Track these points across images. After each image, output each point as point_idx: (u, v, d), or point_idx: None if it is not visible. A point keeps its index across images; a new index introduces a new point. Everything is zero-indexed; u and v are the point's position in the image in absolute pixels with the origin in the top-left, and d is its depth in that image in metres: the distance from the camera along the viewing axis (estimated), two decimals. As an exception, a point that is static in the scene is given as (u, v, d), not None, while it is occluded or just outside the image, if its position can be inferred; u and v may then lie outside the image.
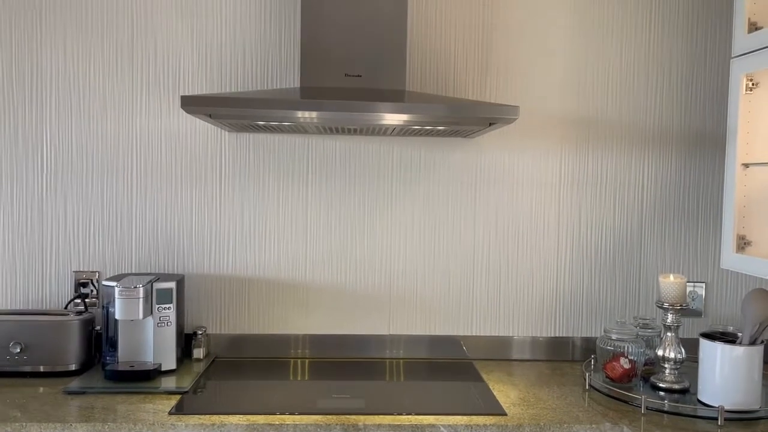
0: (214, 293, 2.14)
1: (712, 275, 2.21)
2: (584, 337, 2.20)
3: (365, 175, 2.15)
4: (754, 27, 1.75)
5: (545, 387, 1.90)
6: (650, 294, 2.20)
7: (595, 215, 2.19)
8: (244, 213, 2.13)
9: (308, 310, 2.16)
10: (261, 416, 1.61)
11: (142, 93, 2.09)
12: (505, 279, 2.19)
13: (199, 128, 2.10)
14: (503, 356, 2.19)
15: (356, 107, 1.65)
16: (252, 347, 2.14)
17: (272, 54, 2.10)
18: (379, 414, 1.64)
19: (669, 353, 1.83)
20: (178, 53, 2.08)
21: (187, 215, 2.12)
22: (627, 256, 2.20)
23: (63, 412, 1.61)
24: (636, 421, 1.63)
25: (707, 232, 2.20)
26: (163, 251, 2.12)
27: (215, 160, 2.11)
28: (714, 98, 2.17)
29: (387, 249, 2.16)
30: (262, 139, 2.12)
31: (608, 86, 2.16)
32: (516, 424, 1.61)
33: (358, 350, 2.16)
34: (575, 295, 2.20)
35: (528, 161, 2.17)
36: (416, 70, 2.13)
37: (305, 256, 2.15)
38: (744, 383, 1.66)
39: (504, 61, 2.14)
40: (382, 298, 2.17)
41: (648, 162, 2.18)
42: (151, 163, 2.10)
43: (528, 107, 2.16)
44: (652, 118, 2.17)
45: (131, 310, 1.80)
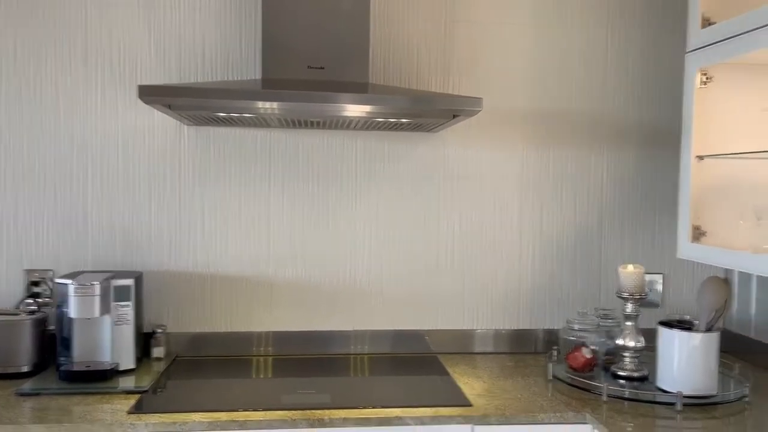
0: (175, 291, 2.09)
1: (668, 266, 2.26)
2: (547, 329, 2.23)
3: (329, 169, 2.13)
4: (707, 22, 1.80)
5: (509, 378, 1.91)
6: (610, 285, 2.24)
7: (557, 208, 2.22)
8: (204, 208, 2.09)
9: (271, 306, 2.13)
10: (224, 413, 1.57)
11: (96, 86, 2.03)
12: (469, 273, 2.20)
13: (157, 122, 2.05)
14: (467, 349, 2.19)
15: (319, 98, 1.64)
16: (214, 345, 2.10)
17: (232, 47, 2.07)
18: (345, 408, 1.62)
19: (629, 342, 1.87)
20: (134, 46, 2.03)
21: (145, 211, 2.06)
22: (587, 248, 2.23)
23: (15, 413, 1.55)
24: (598, 408, 1.66)
25: (663, 225, 2.25)
26: (121, 248, 2.06)
27: (174, 155, 2.07)
28: (670, 93, 2.22)
29: (351, 244, 2.15)
30: (223, 133, 2.08)
31: (569, 82, 2.19)
32: (481, 414, 1.62)
33: (322, 346, 2.14)
34: (538, 287, 2.22)
35: (491, 156, 2.18)
36: (379, 63, 2.12)
37: (268, 253, 2.12)
38: (701, 369, 1.70)
39: (466, 56, 2.15)
40: (347, 294, 2.15)
41: (607, 156, 2.22)
42: (108, 157, 2.04)
43: (490, 102, 2.17)
44: (610, 113, 2.21)
45: (87, 309, 1.75)
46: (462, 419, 1.61)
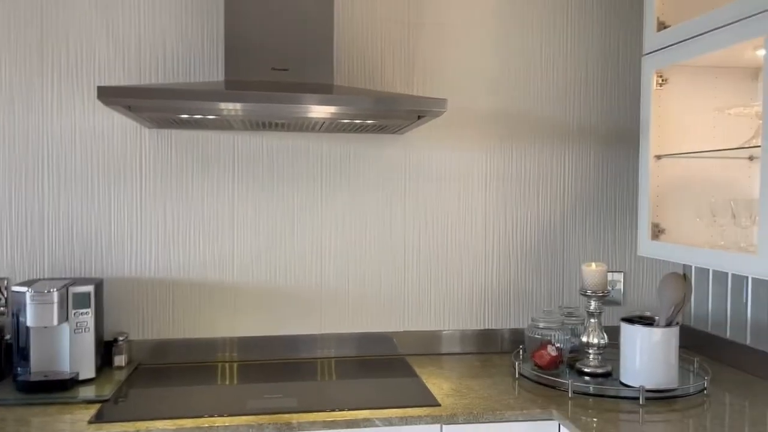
0: (136, 298, 2.04)
1: (629, 264, 2.31)
2: (512, 328, 2.25)
3: (294, 172, 2.11)
4: (662, 26, 1.85)
5: (477, 378, 1.93)
6: (574, 284, 2.28)
7: (520, 209, 2.24)
8: (167, 213, 2.05)
9: (236, 312, 2.10)
10: (189, 420, 1.54)
11: (53, 88, 1.97)
12: (435, 274, 2.21)
13: (117, 124, 2.01)
14: (435, 351, 2.20)
15: (283, 99, 1.62)
16: (178, 352, 2.06)
17: (194, 48, 2.04)
18: (313, 412, 1.61)
19: (593, 339, 1.90)
20: (92, 47, 1.99)
21: (105, 216, 2.01)
22: (551, 248, 2.27)
23: (-32, 427, 1.49)
24: (564, 405, 1.68)
25: (624, 223, 2.30)
26: (80, 255, 2.00)
27: (135, 158, 2.03)
28: (629, 94, 2.28)
29: (317, 247, 2.14)
30: (185, 135, 2.05)
31: (530, 84, 2.23)
32: (450, 414, 1.62)
33: (289, 351, 2.12)
34: (502, 287, 2.25)
35: (455, 157, 2.20)
36: (344, 66, 2.12)
37: (232, 257, 2.09)
38: (662, 364, 1.74)
39: (430, 58, 2.17)
40: (313, 297, 2.14)
41: (569, 157, 2.26)
42: (65, 161, 1.99)
43: (454, 104, 2.19)
44: (571, 115, 2.25)
45: (45, 317, 1.69)
46: (430, 419, 1.61)
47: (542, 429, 1.66)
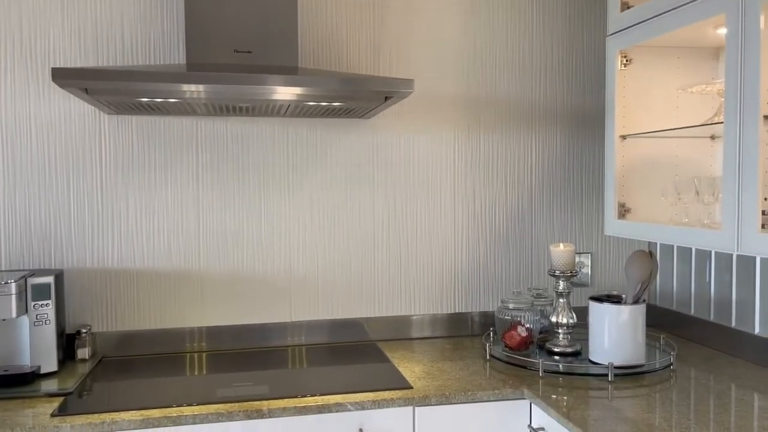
0: (99, 289, 1.99)
1: (596, 246, 2.34)
2: (482, 311, 2.26)
3: (260, 158, 2.08)
4: (626, 6, 1.87)
5: (448, 361, 1.93)
6: (542, 266, 2.30)
7: (488, 192, 2.25)
8: (129, 201, 1.99)
9: (204, 301, 2.06)
10: (156, 410, 1.51)
11: (5, 72, 1.90)
12: (405, 259, 2.20)
13: (75, 110, 1.94)
14: (405, 335, 2.20)
15: (246, 80, 1.59)
16: (144, 344, 2.01)
17: (154, 30, 1.98)
18: (284, 398, 1.59)
19: (562, 319, 1.92)
20: (46, 30, 1.91)
21: (64, 206, 1.95)
22: (519, 230, 2.28)
23: (-77, 425, 1.43)
24: (534, 384, 1.69)
25: (591, 205, 2.32)
26: (38, 246, 1.94)
27: (94, 145, 1.96)
28: (593, 75, 2.30)
29: (285, 234, 2.11)
30: (146, 121, 1.99)
31: (496, 67, 2.23)
32: (422, 396, 1.62)
33: (259, 340, 2.09)
34: (472, 270, 2.25)
35: (423, 141, 2.19)
36: (308, 49, 2.09)
37: (198, 246, 2.05)
38: (630, 340, 1.77)
39: (396, 41, 2.15)
40: (282, 285, 2.11)
41: (535, 139, 2.27)
42: (20, 149, 1.92)
43: (421, 88, 2.18)
44: (537, 97, 2.26)
45: (2, 309, 1.64)
46: (403, 401, 1.60)
47: (514, 408, 1.67)
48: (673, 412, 1.48)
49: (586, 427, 1.39)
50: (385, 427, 1.60)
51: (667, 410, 1.49)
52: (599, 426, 1.40)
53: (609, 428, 1.39)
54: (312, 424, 1.56)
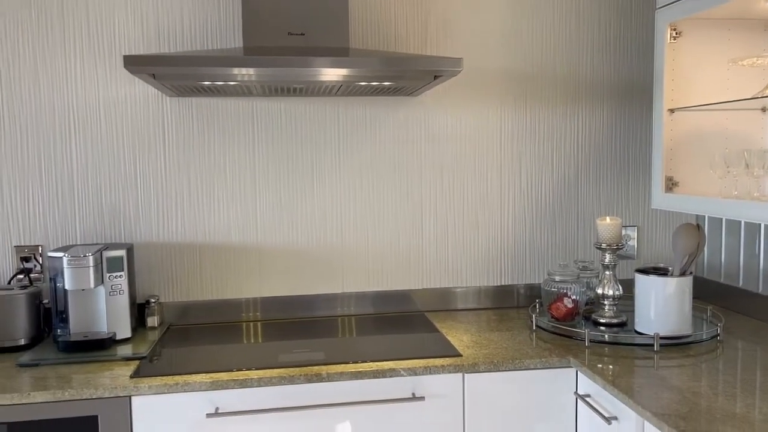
0: (165, 262, 2.12)
1: (643, 219, 2.36)
2: (527, 284, 2.31)
3: (312, 136, 2.16)
4: (675, -21, 1.86)
5: (495, 331, 1.99)
6: (588, 239, 2.33)
7: (535, 166, 2.28)
8: (190, 179, 2.11)
9: (261, 273, 2.17)
10: (224, 373, 1.63)
11: (76, 58, 2.02)
12: (452, 233, 2.27)
13: (139, 94, 2.06)
14: (453, 306, 2.27)
15: (300, 63, 1.66)
16: (206, 313, 2.14)
17: (211, 15, 2.07)
18: (341, 363, 1.68)
19: (608, 290, 1.96)
20: (111, 18, 2.02)
21: (131, 184, 2.08)
22: (566, 203, 2.31)
23: (18, 383, 1.58)
24: (581, 353, 1.74)
25: (637, 178, 2.34)
26: (109, 222, 2.08)
27: (158, 126, 2.08)
28: (641, 49, 2.29)
29: (337, 209, 2.20)
30: (206, 103, 2.10)
31: (543, 41, 2.24)
32: (471, 363, 1.69)
33: (312, 310, 2.20)
34: (518, 244, 2.30)
35: (470, 117, 2.23)
36: (359, 29, 2.15)
37: (255, 220, 2.16)
38: (676, 312, 1.80)
39: (443, 18, 2.18)
40: (334, 258, 2.21)
41: (582, 112, 2.29)
42: (90, 131, 2.04)
43: (468, 64, 2.21)
44: (584, 71, 2.27)
45: (81, 280, 1.77)
46: (453, 368, 1.68)
47: (560, 376, 1.73)
48: (719, 381, 1.52)
49: (631, 393, 1.44)
50: (436, 392, 1.68)
51: (713, 379, 1.53)
52: (644, 392, 1.45)
53: (654, 394, 1.44)
54: (367, 388, 1.66)
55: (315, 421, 1.64)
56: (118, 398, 1.56)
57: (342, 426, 1.65)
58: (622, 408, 1.50)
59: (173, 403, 1.58)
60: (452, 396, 1.69)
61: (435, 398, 1.68)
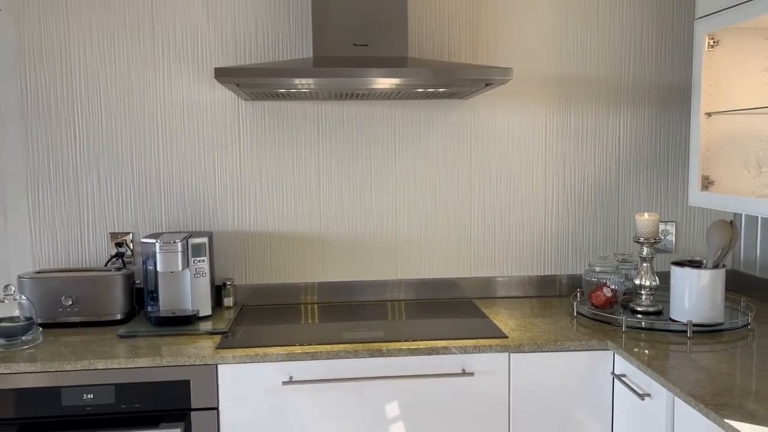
0: (238, 248, 2.36)
1: (680, 215, 2.49)
2: (569, 274, 2.47)
3: (371, 135, 2.36)
4: (714, -9, 1.98)
5: (538, 317, 2.17)
6: (628, 233, 2.47)
7: (578, 164, 2.44)
8: (262, 174, 2.34)
9: (323, 259, 2.39)
10: (297, 347, 1.85)
11: (163, 65, 2.27)
12: (499, 225, 2.44)
13: (218, 98, 2.29)
14: (498, 294, 2.45)
15: (363, 73, 1.85)
16: (274, 295, 2.38)
17: (281, 26, 2.29)
18: (398, 341, 1.89)
19: (645, 281, 2.11)
20: (195, 29, 2.26)
21: (210, 178, 2.32)
22: (607, 199, 2.46)
23: (121, 350, 1.83)
24: (618, 337, 1.90)
25: (676, 176, 2.47)
26: (190, 212, 2.32)
27: (234, 127, 2.31)
28: (681, 55, 2.41)
29: (392, 203, 2.40)
30: (276, 106, 2.32)
31: (587, 45, 2.39)
32: (516, 344, 1.88)
33: (370, 294, 2.41)
34: (561, 237, 2.46)
35: (517, 118, 2.40)
36: (416, 38, 2.34)
37: (319, 212, 2.37)
38: (709, 302, 1.94)
39: (493, 26, 2.35)
40: (390, 248, 2.41)
41: (623, 114, 2.43)
42: (175, 131, 2.29)
43: (516, 69, 2.38)
44: (626, 74, 2.41)
45: (171, 263, 2.02)
46: (500, 348, 1.87)
47: (599, 357, 1.90)
48: (746, 364, 1.66)
49: (664, 373, 1.60)
50: (484, 369, 1.87)
51: (741, 362, 1.67)
52: (676, 372, 1.60)
53: (685, 374, 1.59)
54: (422, 363, 1.86)
55: (376, 391, 1.85)
56: (207, 365, 1.80)
57: (400, 395, 1.86)
58: (655, 386, 1.66)
59: (253, 371, 1.81)
60: (499, 373, 1.88)
61: (483, 374, 1.87)
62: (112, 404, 1.77)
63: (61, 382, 1.75)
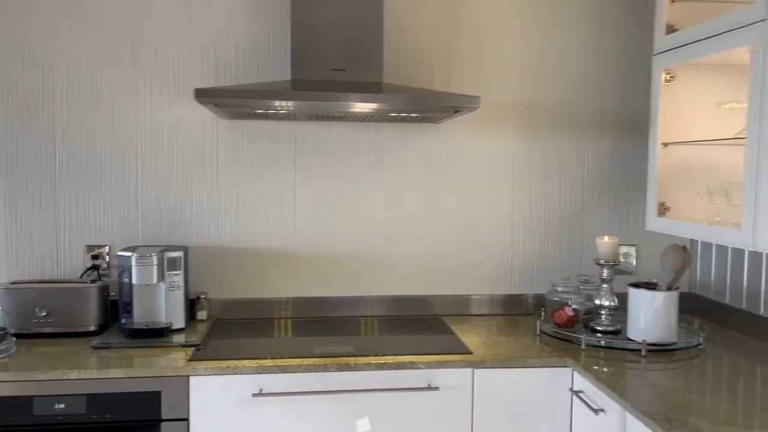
0: (214, 263, 2.41)
1: (642, 238, 2.60)
2: (536, 293, 2.56)
3: (346, 156, 2.44)
4: (671, 29, 2.11)
5: (503, 334, 2.25)
6: (590, 256, 2.57)
7: (544, 189, 2.54)
8: (239, 191, 2.40)
9: (298, 276, 2.45)
10: (268, 360, 1.90)
11: (145, 87, 2.33)
12: (468, 245, 2.53)
13: (197, 116, 2.36)
14: (466, 312, 2.53)
15: (340, 98, 1.93)
16: (248, 310, 2.43)
17: (261, 49, 2.37)
18: (367, 356, 1.95)
19: (604, 302, 2.20)
20: (176, 50, 2.33)
21: (188, 194, 2.37)
22: (571, 223, 2.56)
23: (93, 361, 1.87)
24: (578, 355, 1.99)
25: (637, 201, 2.58)
26: (167, 226, 2.37)
27: (212, 144, 2.38)
28: (641, 87, 2.54)
29: (366, 222, 2.47)
30: (255, 125, 2.39)
31: (554, 78, 2.51)
32: (480, 360, 1.95)
33: (343, 310, 2.47)
34: (528, 257, 2.56)
35: (487, 143, 2.50)
36: (392, 65, 2.43)
37: (294, 229, 2.44)
38: (663, 322, 2.04)
39: (466, 57, 2.46)
40: (361, 265, 2.48)
41: (588, 141, 2.55)
42: (155, 148, 2.35)
43: (486, 97, 2.48)
44: (590, 106, 2.53)
45: (147, 276, 2.06)
46: (464, 363, 1.94)
47: (558, 374, 1.98)
48: (695, 382, 1.75)
49: (617, 389, 1.69)
50: (449, 384, 1.94)
51: (690, 380, 1.77)
52: (630, 389, 1.69)
53: (638, 390, 1.68)
54: (389, 377, 1.92)
55: (344, 403, 1.90)
56: (179, 377, 1.84)
57: (367, 409, 1.92)
58: (609, 402, 1.75)
59: (224, 383, 1.86)
60: (463, 387, 1.95)
61: (448, 389, 1.94)
62: (84, 414, 1.80)
63: (33, 392, 1.78)
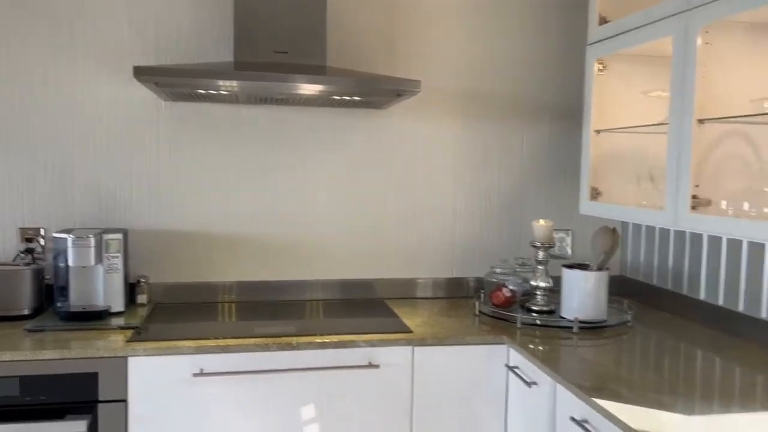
0: (154, 246, 2.38)
1: (576, 223, 2.70)
2: (476, 277, 2.63)
3: (289, 140, 2.45)
4: (603, 20, 2.20)
5: (444, 315, 2.30)
6: (528, 239, 2.66)
7: (483, 174, 2.61)
8: (180, 174, 2.38)
9: (239, 259, 2.45)
10: (209, 340, 1.90)
11: (81, 66, 2.27)
12: (411, 230, 2.57)
13: (137, 97, 2.32)
14: (410, 295, 2.58)
15: (283, 78, 1.95)
16: (190, 294, 2.41)
17: (204, 30, 2.34)
18: (309, 336, 1.97)
19: (540, 283, 2.28)
20: (116, 29, 2.28)
21: (127, 176, 2.34)
22: (509, 207, 2.64)
23: (27, 343, 1.83)
24: (513, 333, 2.06)
25: (572, 187, 2.68)
26: (105, 209, 2.33)
27: (152, 126, 2.34)
28: (575, 78, 2.64)
29: (308, 205, 2.49)
30: (196, 107, 2.37)
31: (494, 66, 2.57)
32: (420, 338, 2.00)
33: (283, 294, 2.48)
34: (468, 241, 2.62)
35: (429, 129, 2.55)
36: (335, 48, 2.45)
37: (236, 213, 2.43)
38: (594, 301, 2.13)
39: (409, 42, 2.50)
40: (305, 248, 2.49)
41: (526, 128, 2.63)
42: (93, 129, 2.30)
43: (429, 84, 2.53)
44: (528, 94, 2.61)
45: (84, 258, 2.03)
46: (404, 341, 1.99)
47: (495, 351, 2.05)
48: (622, 356, 1.85)
49: (549, 363, 1.76)
50: (389, 361, 1.98)
51: (617, 355, 1.86)
52: (562, 364, 1.77)
53: (569, 364, 1.76)
54: (331, 356, 1.95)
55: (286, 383, 1.92)
56: (117, 358, 1.82)
57: (309, 388, 1.94)
58: (542, 375, 1.82)
59: (164, 363, 1.85)
60: (403, 365, 1.99)
61: (388, 366, 1.98)
62: (17, 396, 1.76)
63: (-37, 375, 1.73)
